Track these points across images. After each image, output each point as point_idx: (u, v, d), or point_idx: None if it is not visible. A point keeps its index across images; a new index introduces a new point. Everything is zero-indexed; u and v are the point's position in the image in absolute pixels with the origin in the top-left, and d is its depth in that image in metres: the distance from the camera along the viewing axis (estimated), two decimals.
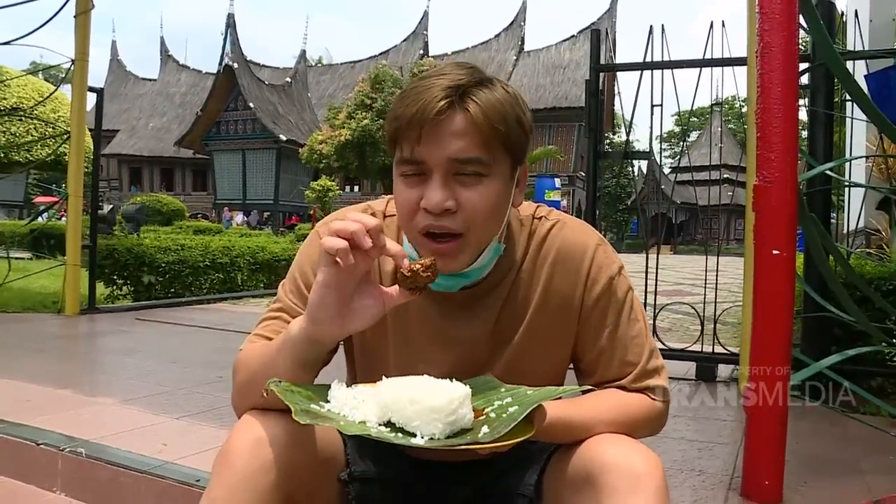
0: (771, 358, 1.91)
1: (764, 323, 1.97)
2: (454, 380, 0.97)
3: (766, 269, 1.94)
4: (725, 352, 3.74)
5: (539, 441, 1.05)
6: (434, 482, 1.22)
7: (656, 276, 3.82)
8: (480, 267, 1.08)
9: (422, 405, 0.90)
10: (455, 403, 0.91)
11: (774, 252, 1.90)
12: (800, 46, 2.53)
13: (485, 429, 0.91)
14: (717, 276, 3.94)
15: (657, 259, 3.93)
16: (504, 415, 0.94)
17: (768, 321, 1.96)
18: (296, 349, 0.99)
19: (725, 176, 32.59)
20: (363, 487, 1.17)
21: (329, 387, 1.00)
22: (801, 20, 2.49)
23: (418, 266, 0.96)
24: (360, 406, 0.95)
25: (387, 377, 0.98)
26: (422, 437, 0.89)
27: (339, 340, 1.04)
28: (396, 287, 0.99)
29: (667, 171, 34.91)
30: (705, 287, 4.02)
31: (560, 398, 0.99)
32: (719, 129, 29.66)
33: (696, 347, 3.84)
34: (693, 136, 37.91)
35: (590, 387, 1.10)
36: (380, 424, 0.92)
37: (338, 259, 0.92)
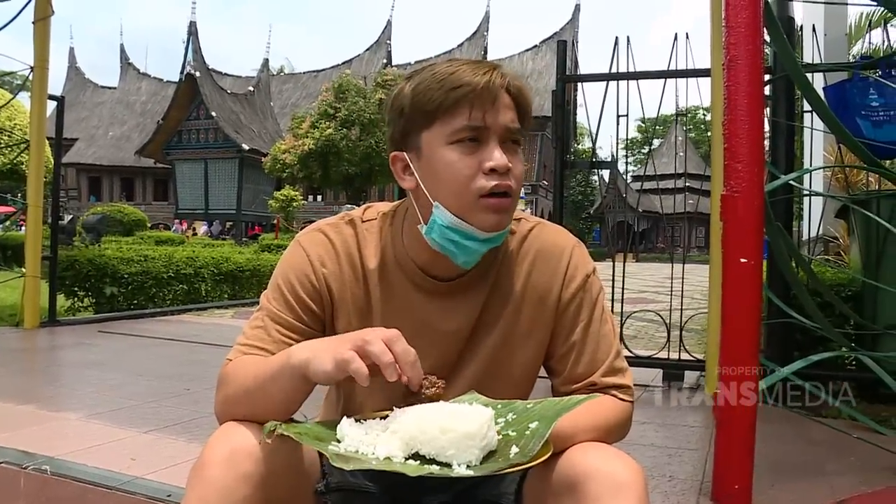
0: (740, 363, 1.95)
1: (732, 330, 2.01)
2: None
3: (734, 277, 1.98)
4: (691, 358, 3.79)
5: None
6: (411, 491, 1.22)
7: (623, 284, 3.87)
8: (502, 234, 1.13)
9: (456, 433, 0.90)
10: (485, 427, 0.92)
11: (742, 260, 1.94)
12: None
13: (514, 448, 0.92)
14: (682, 283, 4.00)
15: (623, 267, 3.98)
16: (527, 432, 0.95)
17: (736, 328, 2.00)
18: (294, 381, 1.02)
19: (687, 185, 33.05)
20: (340, 498, 1.17)
21: (332, 422, 1.00)
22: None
23: (427, 385, 1.01)
24: (376, 441, 0.94)
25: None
26: (459, 466, 0.89)
27: None
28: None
29: (629, 179, 35.30)
30: (671, 294, 4.08)
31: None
32: (679, 138, 30.08)
33: (663, 354, 3.89)
34: (654, 143, 38.48)
35: (595, 394, 1.12)
36: (406, 458, 0.91)
37: (351, 374, 0.95)
